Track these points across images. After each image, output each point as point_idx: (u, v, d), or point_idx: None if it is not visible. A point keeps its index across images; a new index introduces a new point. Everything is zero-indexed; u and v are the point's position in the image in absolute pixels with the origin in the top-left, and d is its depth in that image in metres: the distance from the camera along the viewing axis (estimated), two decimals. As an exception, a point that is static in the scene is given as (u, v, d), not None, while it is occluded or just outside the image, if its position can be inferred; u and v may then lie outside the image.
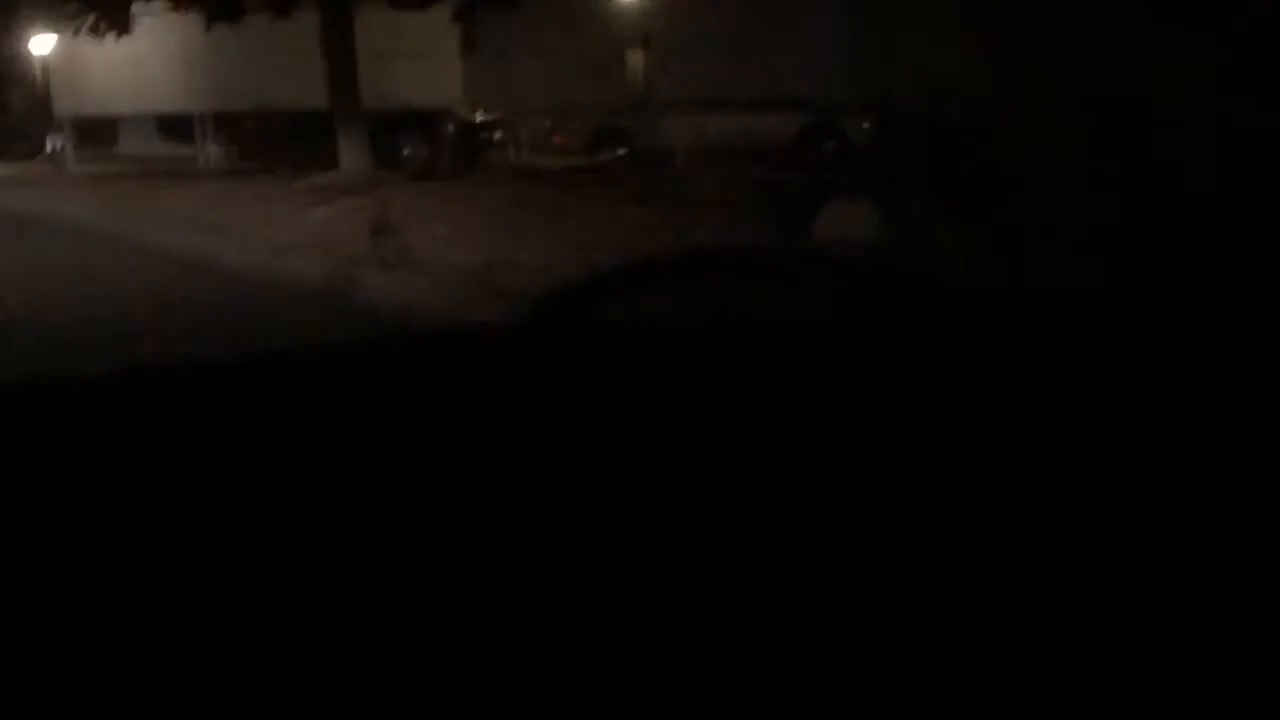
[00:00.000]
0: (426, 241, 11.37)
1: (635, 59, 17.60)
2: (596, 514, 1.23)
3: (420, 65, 16.80)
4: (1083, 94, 6.71)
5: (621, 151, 17.24)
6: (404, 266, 10.35)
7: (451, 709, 1.06)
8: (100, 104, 18.81)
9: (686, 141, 16.31)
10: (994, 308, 1.80)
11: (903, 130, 14.11)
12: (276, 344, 7.80)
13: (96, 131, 20.71)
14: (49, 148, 20.45)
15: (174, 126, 19.02)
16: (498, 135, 18.41)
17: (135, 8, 16.65)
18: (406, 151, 16.99)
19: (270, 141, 17.83)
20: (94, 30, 16.85)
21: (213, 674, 1.05)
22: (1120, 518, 1.23)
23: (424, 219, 12.40)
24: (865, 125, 15.59)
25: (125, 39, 17.01)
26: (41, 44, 19.46)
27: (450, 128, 17.34)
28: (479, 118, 17.94)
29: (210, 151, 18.77)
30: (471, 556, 1.18)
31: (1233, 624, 1.12)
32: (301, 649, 1.08)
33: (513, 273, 9.78)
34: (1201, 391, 1.49)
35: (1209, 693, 1.07)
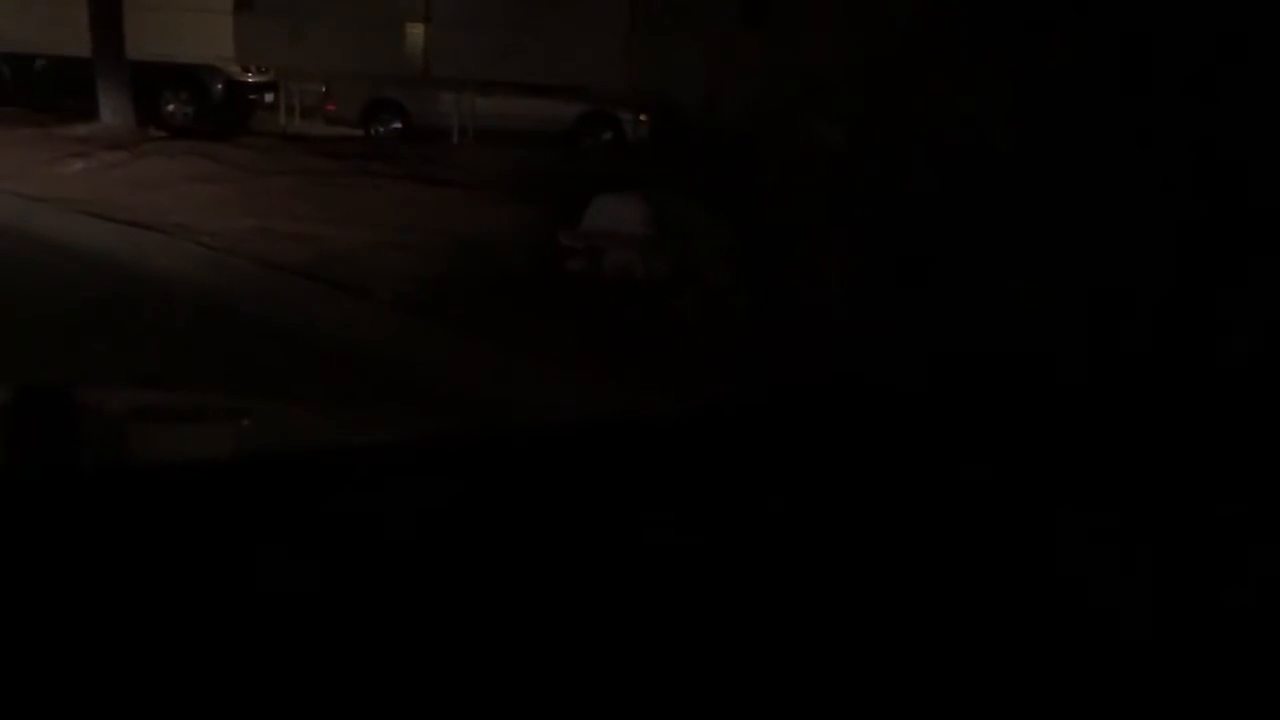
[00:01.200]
0: (189, 203, 11.07)
1: (415, 32, 17.35)
2: None
3: (191, 19, 16.24)
4: (844, 108, 6.95)
5: (396, 125, 17.03)
6: (161, 229, 10.06)
7: None
8: None
9: (463, 120, 16.22)
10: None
11: (675, 128, 14.35)
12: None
13: None
14: None
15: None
16: (268, 98, 17.95)
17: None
18: (171, 107, 16.43)
19: (27, 87, 17.00)
20: None
21: None
22: None
23: (187, 180, 12.06)
24: (641, 119, 15.77)
25: None
26: None
27: (218, 85, 16.85)
28: (250, 78, 17.47)
29: (-37, 96, 17.79)
30: None
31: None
32: None
33: (276, 244, 9.61)
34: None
35: None
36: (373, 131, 16.90)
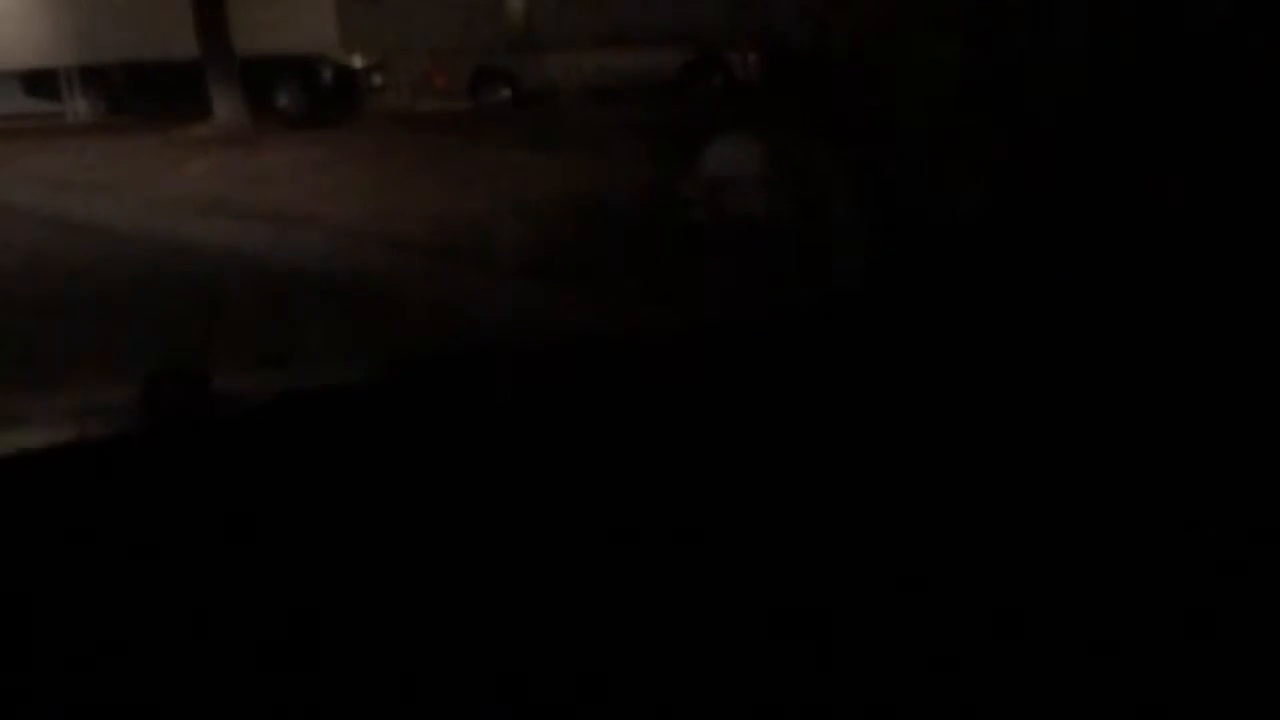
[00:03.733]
0: (310, 193, 11.17)
1: (514, -2, 17.32)
2: None
3: (294, 10, 16.38)
4: (961, 22, 6.71)
5: (505, 92, 17.00)
6: (285, 220, 10.16)
7: None
8: (-43, 62, 18.12)
9: (570, 81, 16.12)
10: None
11: (786, 65, 14.09)
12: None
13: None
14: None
15: (39, 82, 18.37)
16: (377, 80, 18.05)
17: (-8, -41, 16.06)
18: (283, 100, 16.58)
19: (141, 94, 17.30)
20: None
21: None
22: None
23: (305, 170, 12.18)
24: (750, 59, 15.51)
25: (-18, -9, 16.41)
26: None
27: (327, 73, 16.96)
28: (357, 62, 17.57)
29: (79, 106, 18.17)
30: None
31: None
32: None
33: (400, 224, 9.64)
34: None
35: None
36: (482, 101, 16.89)
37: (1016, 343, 1.53)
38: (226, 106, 15.02)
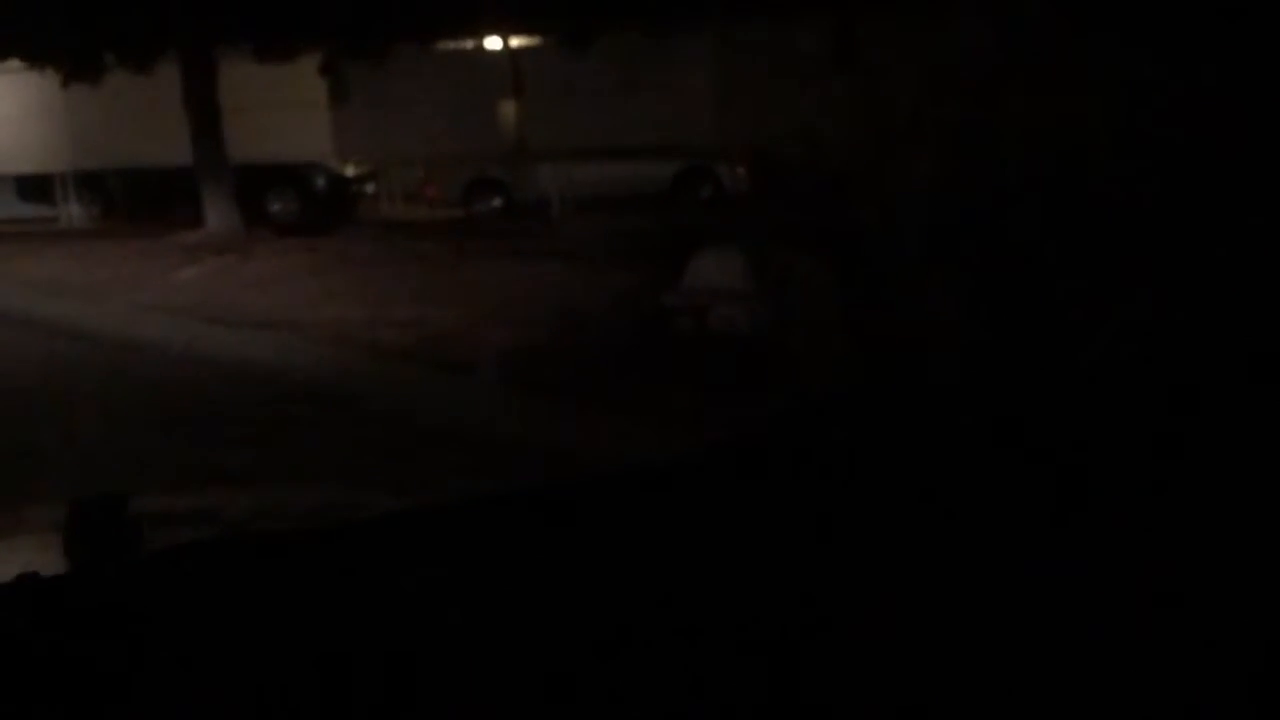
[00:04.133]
0: (298, 299, 11.19)
1: (507, 108, 17.51)
2: None
3: (288, 118, 16.55)
4: (938, 142, 6.81)
5: (496, 202, 17.15)
6: (272, 327, 10.17)
7: None
8: (-46, 167, 18.27)
9: (561, 190, 16.29)
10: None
11: (774, 177, 14.22)
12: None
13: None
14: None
15: (34, 187, 18.52)
16: (370, 188, 18.22)
17: (-10, 66, 16.26)
18: (276, 206, 16.72)
19: (135, 200, 17.45)
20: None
21: None
22: None
23: (295, 277, 12.22)
24: (739, 171, 15.67)
25: (-20, 98, 16.63)
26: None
27: (320, 181, 17.12)
28: (350, 170, 17.74)
29: (73, 212, 18.32)
30: None
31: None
32: None
33: (386, 331, 9.66)
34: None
35: None
36: (474, 210, 17.03)
37: (999, 462, 1.50)
38: (219, 213, 15.13)
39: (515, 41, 17.35)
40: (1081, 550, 1.32)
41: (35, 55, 15.55)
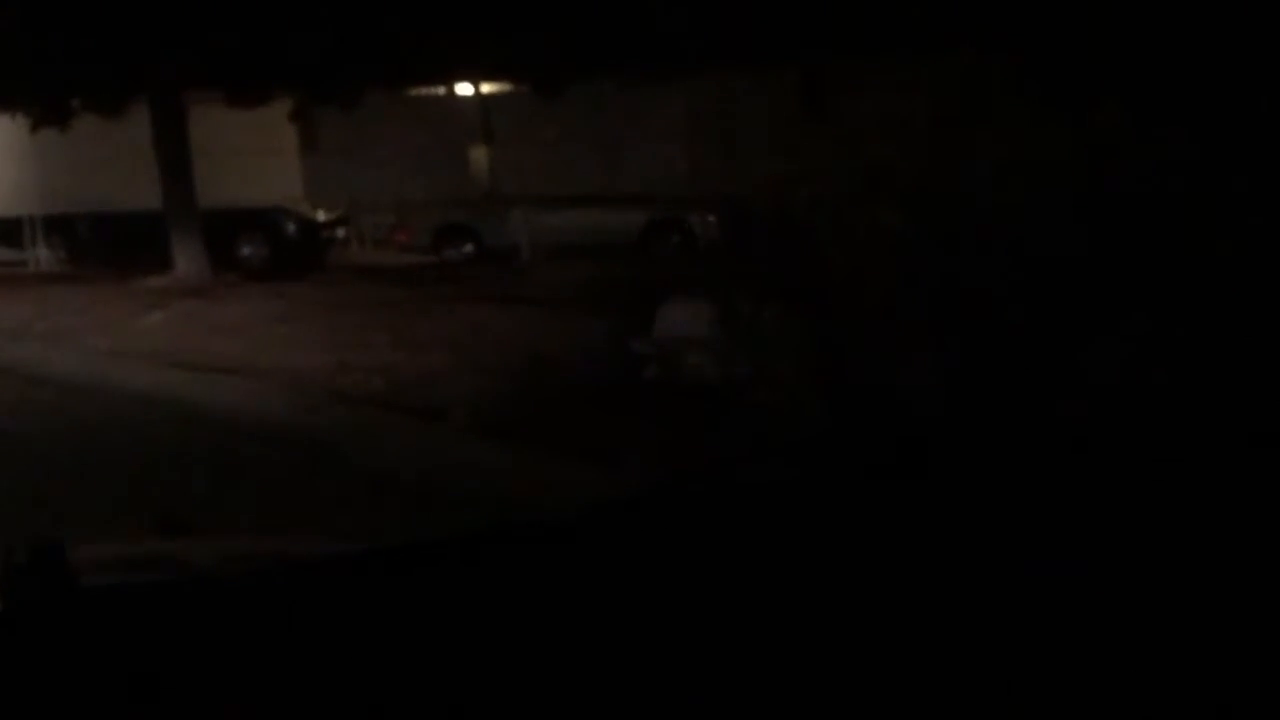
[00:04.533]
0: (266, 345, 11.14)
1: (479, 155, 17.59)
2: None
3: (257, 163, 16.55)
4: (904, 194, 6.86)
5: (467, 248, 17.15)
6: (239, 373, 10.11)
7: None
8: (-78, 210, 18.17)
9: (532, 238, 16.30)
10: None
11: (743, 227, 14.28)
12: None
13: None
14: None
15: (2, 230, 18.42)
16: (340, 233, 18.20)
17: (-42, 111, 16.19)
18: (245, 251, 16.67)
19: (103, 244, 17.37)
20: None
21: None
22: None
23: (263, 322, 12.17)
24: (710, 220, 15.72)
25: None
26: None
27: (290, 226, 17.09)
28: (320, 216, 17.73)
29: (41, 255, 18.21)
30: None
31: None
32: None
33: (352, 378, 9.62)
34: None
35: None
36: (444, 256, 17.02)
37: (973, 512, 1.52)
38: (187, 257, 15.08)
39: (487, 89, 17.42)
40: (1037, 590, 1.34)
41: (4, 99, 15.50)
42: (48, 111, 15.34)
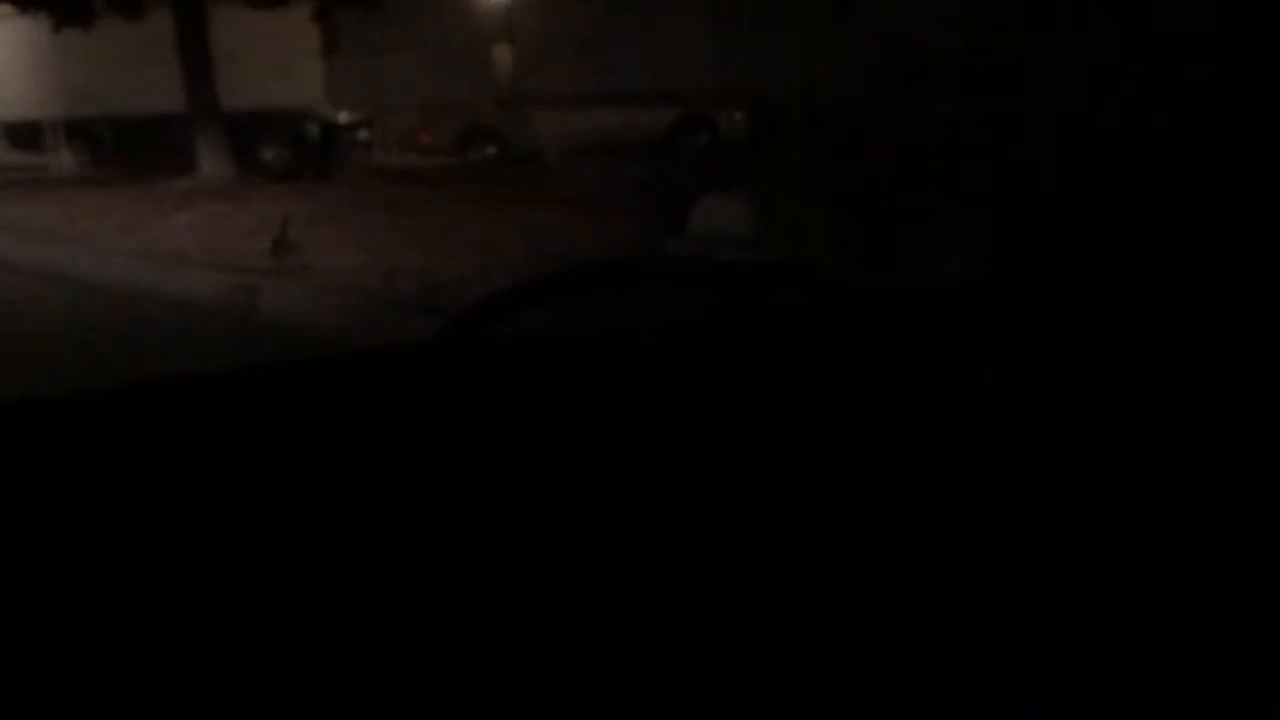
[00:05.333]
0: (294, 247, 11.09)
1: (502, 55, 17.38)
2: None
3: (280, 65, 16.41)
4: (949, 89, 6.74)
5: (491, 150, 17.02)
6: (272, 273, 10.07)
7: None
8: (-58, 113, 18.12)
9: (557, 138, 16.16)
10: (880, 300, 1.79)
11: (774, 123, 14.12)
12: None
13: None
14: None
15: (24, 134, 18.34)
16: (363, 135, 18.07)
17: (-23, 12, 16.04)
18: (268, 154, 16.57)
19: (126, 147, 17.29)
20: (-67, 36, 16.24)
21: None
22: None
23: (291, 225, 12.12)
24: (737, 118, 15.56)
25: (-33, 45, 16.44)
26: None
27: (313, 128, 16.96)
28: (343, 118, 17.60)
29: (64, 159, 18.15)
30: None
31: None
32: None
33: (381, 276, 9.58)
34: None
35: None
36: (469, 158, 16.91)
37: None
38: (211, 160, 15.01)
39: (510, -13, 17.20)
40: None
41: (25, 0, 15.35)
42: (69, 13, 15.17)
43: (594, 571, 1.24)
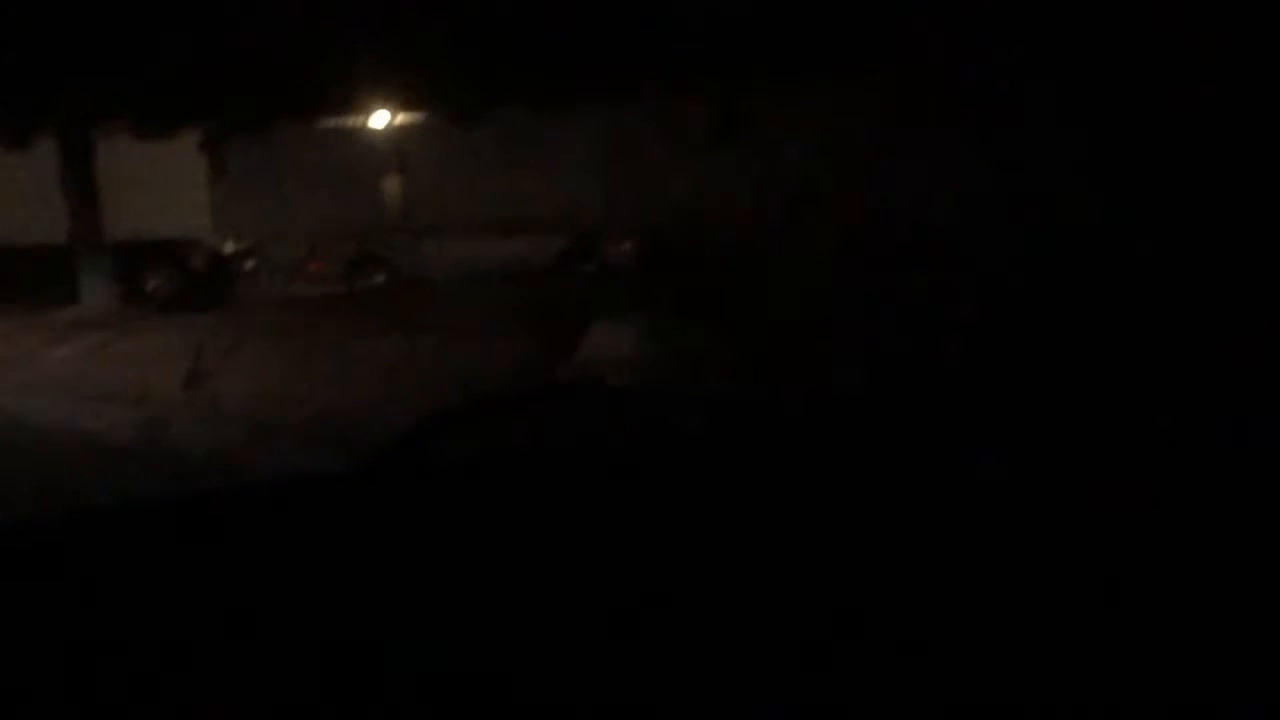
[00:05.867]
0: (177, 376, 10.94)
1: (392, 184, 17.47)
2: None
3: (167, 195, 16.33)
4: (829, 219, 6.94)
5: (380, 278, 17.01)
6: (151, 404, 9.92)
7: None
8: None
9: (447, 266, 16.20)
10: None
11: (662, 251, 14.35)
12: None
13: None
14: None
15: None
16: (250, 264, 17.96)
17: None
18: (154, 284, 16.39)
19: (8, 277, 17.00)
20: None
21: None
22: None
23: (173, 353, 11.96)
24: (625, 246, 15.75)
25: None
26: None
27: (199, 257, 16.84)
28: (229, 247, 17.49)
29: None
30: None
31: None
32: None
33: (264, 404, 9.49)
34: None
35: None
36: (357, 286, 16.87)
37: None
38: (95, 291, 14.84)
39: (400, 117, 17.34)
40: None
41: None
42: (-50, 145, 15.03)
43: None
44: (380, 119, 17.40)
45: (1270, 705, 1.18)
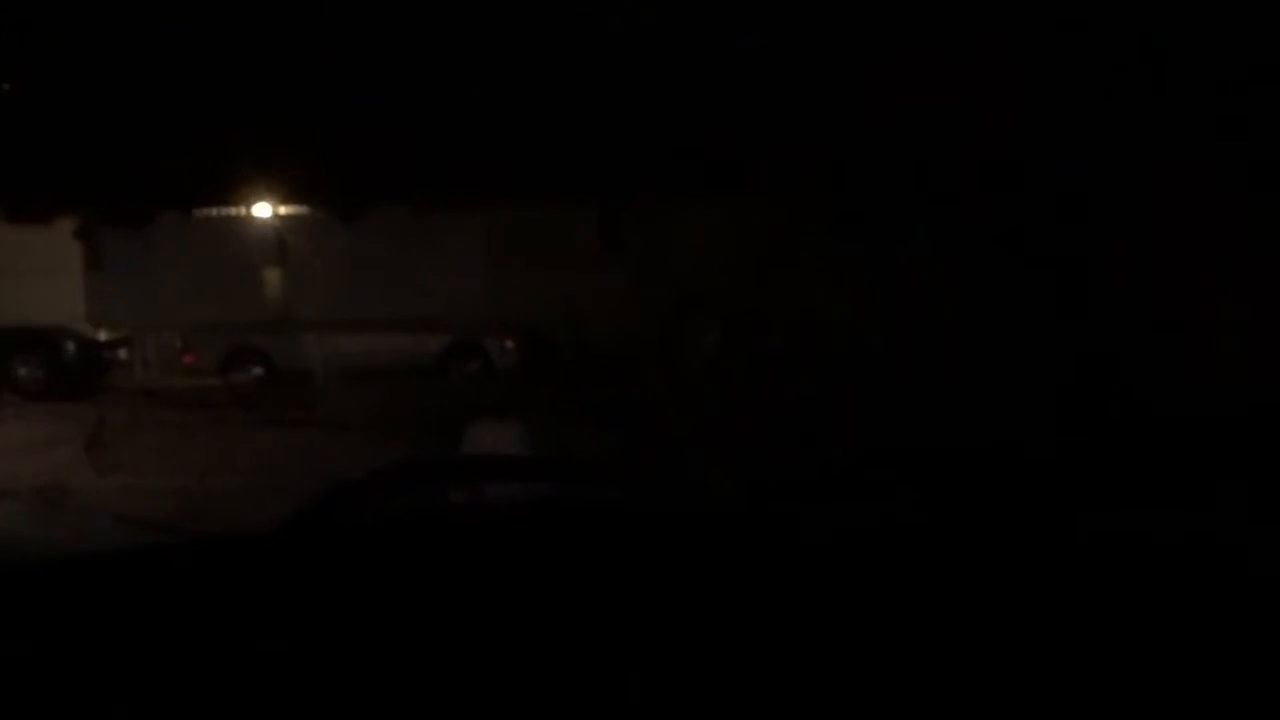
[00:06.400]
0: (42, 467, 10.64)
1: (272, 276, 17.29)
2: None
3: (38, 282, 15.96)
4: (716, 316, 7.00)
5: (257, 371, 16.75)
6: (16, 495, 9.62)
7: None
8: None
9: (326, 361, 16.03)
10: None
11: (545, 352, 14.35)
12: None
13: None
14: None
15: None
16: (123, 354, 17.58)
17: None
18: (22, 372, 15.97)
19: None
20: None
21: None
22: None
23: (41, 444, 11.65)
24: (509, 346, 15.73)
25: None
26: None
27: (69, 346, 16.45)
28: (103, 335, 17.13)
29: None
30: None
31: None
32: None
33: (134, 497, 9.26)
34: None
35: None
36: (233, 379, 16.58)
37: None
38: (-41, 378, 14.41)
39: (283, 209, 17.22)
40: None
41: None
42: None
43: None
44: (262, 210, 17.26)
45: None
